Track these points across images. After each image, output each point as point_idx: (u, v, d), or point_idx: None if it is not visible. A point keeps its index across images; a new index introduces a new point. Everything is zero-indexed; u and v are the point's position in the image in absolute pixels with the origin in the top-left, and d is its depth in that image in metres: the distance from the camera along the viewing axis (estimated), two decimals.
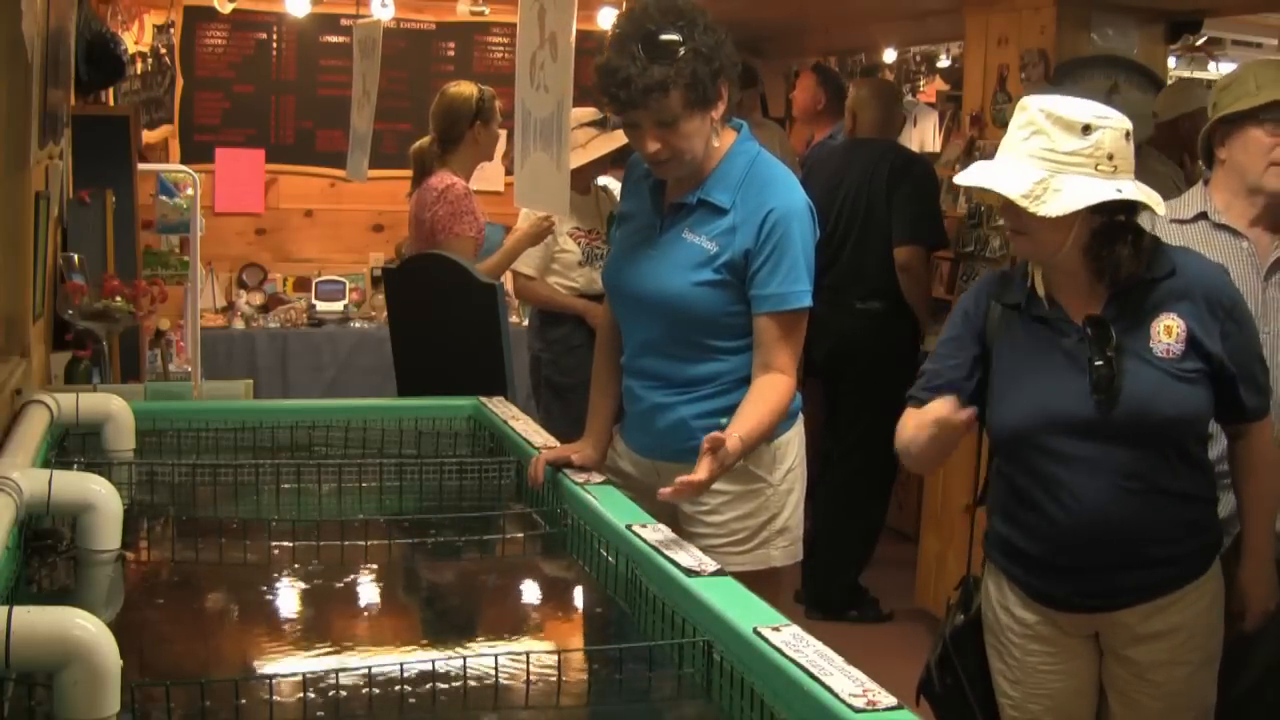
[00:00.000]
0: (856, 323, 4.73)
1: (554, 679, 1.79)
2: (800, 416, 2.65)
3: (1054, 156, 2.15)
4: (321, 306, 6.58)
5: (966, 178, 2.23)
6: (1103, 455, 2.24)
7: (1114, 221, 2.20)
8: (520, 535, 2.49)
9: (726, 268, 2.50)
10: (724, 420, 2.51)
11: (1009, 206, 2.18)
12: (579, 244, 4.53)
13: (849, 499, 4.82)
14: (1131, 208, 2.20)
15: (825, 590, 4.77)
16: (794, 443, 2.62)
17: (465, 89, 4.27)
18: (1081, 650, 2.40)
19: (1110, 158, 2.16)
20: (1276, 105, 2.61)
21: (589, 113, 4.33)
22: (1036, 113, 2.18)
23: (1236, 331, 2.28)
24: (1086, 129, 2.15)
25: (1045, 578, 2.37)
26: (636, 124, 2.44)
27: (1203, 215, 2.72)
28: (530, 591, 2.48)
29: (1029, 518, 2.36)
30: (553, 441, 2.84)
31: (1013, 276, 2.39)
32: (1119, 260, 2.22)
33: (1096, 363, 2.22)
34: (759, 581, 2.45)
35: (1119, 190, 2.15)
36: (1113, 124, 2.17)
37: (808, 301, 2.52)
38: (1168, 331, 2.24)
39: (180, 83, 6.68)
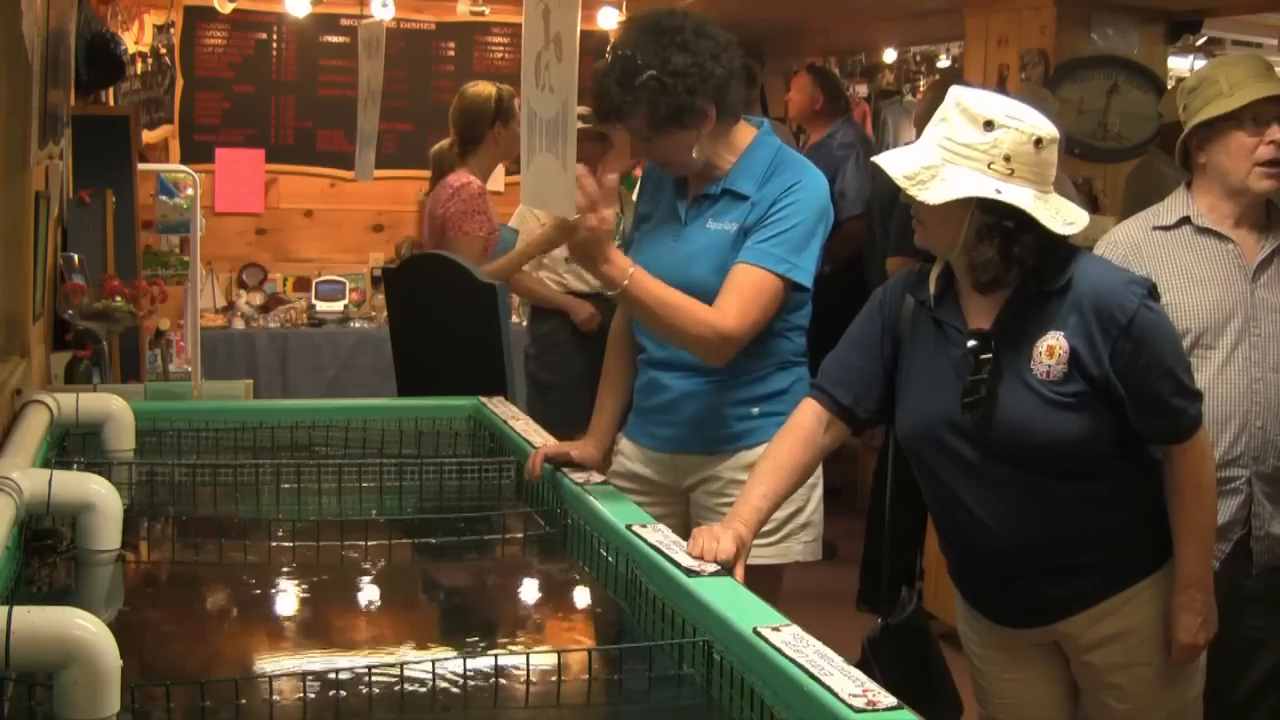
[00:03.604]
0: None
1: (554, 679, 1.79)
2: None
3: (950, 145, 2.09)
4: (321, 306, 6.58)
5: (879, 157, 2.17)
6: (992, 469, 2.18)
7: (999, 225, 2.09)
8: (520, 535, 2.49)
9: (745, 235, 2.51)
10: (755, 409, 2.54)
11: (906, 194, 2.12)
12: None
13: (879, 496, 4.87)
14: (1026, 216, 2.07)
15: (872, 587, 4.87)
16: None
17: (484, 89, 4.25)
18: (1041, 656, 2.35)
19: (1007, 159, 2.06)
20: (1253, 105, 2.58)
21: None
22: (950, 101, 2.13)
23: (1132, 351, 2.11)
24: (989, 125, 2.07)
25: (977, 592, 2.35)
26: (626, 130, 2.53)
27: (1186, 220, 2.70)
28: (530, 591, 2.47)
29: (945, 530, 2.34)
30: (553, 441, 2.83)
31: (929, 272, 2.29)
32: (984, 262, 2.11)
33: (969, 380, 2.15)
34: (771, 576, 2.46)
35: (998, 191, 2.05)
36: (1022, 127, 2.07)
37: (786, 271, 2.47)
38: (1050, 352, 2.12)
39: (180, 83, 6.69)
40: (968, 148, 2.08)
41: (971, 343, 2.16)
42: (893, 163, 2.12)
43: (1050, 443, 2.13)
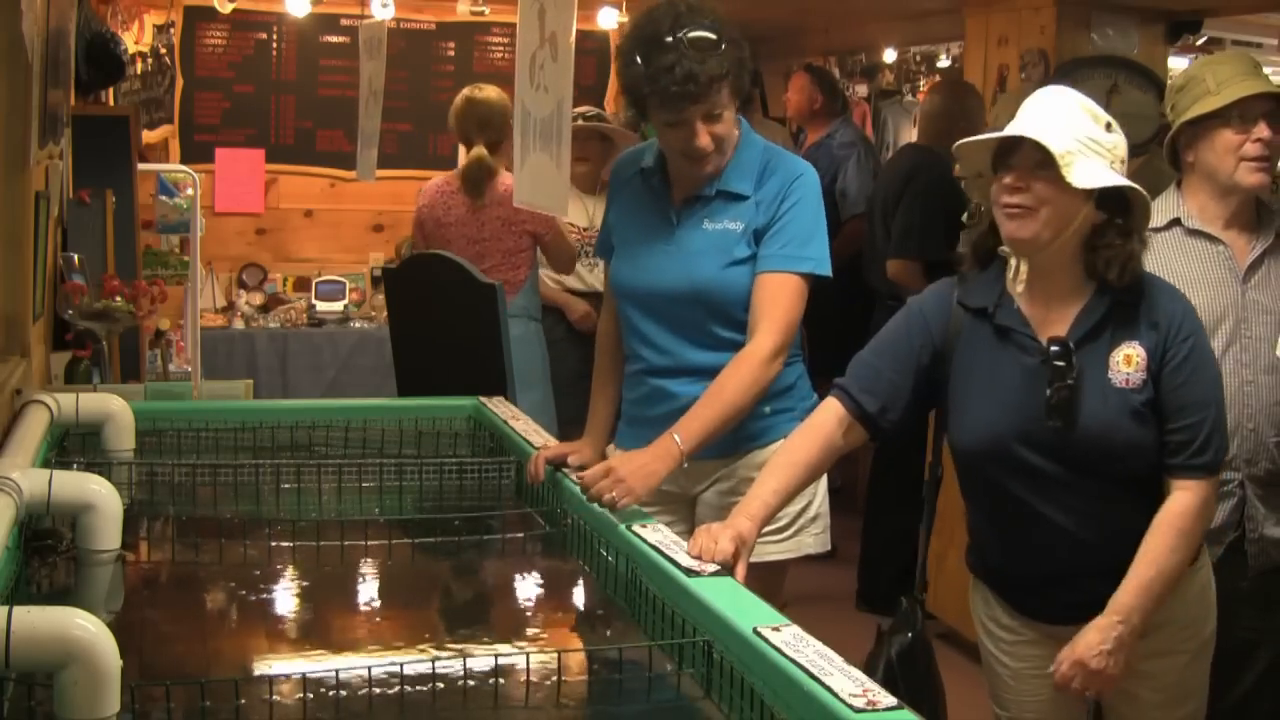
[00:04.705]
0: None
1: (554, 679, 1.79)
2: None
3: (1083, 138, 2.13)
4: (321, 306, 6.58)
5: (1012, 127, 2.16)
6: (1065, 476, 2.19)
7: (1112, 222, 2.18)
8: (520, 535, 2.49)
9: (755, 238, 2.51)
10: (767, 408, 2.53)
11: (1022, 175, 2.13)
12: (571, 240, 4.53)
13: (884, 498, 4.86)
14: (1127, 220, 2.18)
15: (871, 587, 4.85)
16: None
17: (490, 92, 4.34)
18: None
19: (1121, 162, 2.18)
20: (1240, 102, 2.59)
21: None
22: (1073, 100, 2.18)
23: (1181, 364, 2.17)
24: (1109, 126, 2.18)
25: (1026, 594, 2.34)
26: (686, 121, 2.44)
27: (1176, 222, 2.69)
28: (530, 591, 2.47)
29: (1001, 537, 2.33)
30: (552, 441, 2.83)
31: (978, 279, 2.29)
32: (1113, 256, 2.16)
33: (1056, 386, 2.15)
34: (779, 570, 2.45)
35: (1133, 186, 2.16)
36: (1123, 137, 2.20)
37: (809, 268, 2.50)
38: (1128, 360, 2.17)
39: (180, 83, 6.69)
40: (1096, 144, 2.14)
41: (1054, 348, 2.17)
42: (1046, 137, 2.11)
43: (1130, 450, 2.17)
